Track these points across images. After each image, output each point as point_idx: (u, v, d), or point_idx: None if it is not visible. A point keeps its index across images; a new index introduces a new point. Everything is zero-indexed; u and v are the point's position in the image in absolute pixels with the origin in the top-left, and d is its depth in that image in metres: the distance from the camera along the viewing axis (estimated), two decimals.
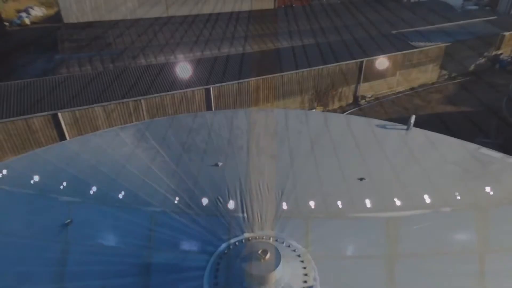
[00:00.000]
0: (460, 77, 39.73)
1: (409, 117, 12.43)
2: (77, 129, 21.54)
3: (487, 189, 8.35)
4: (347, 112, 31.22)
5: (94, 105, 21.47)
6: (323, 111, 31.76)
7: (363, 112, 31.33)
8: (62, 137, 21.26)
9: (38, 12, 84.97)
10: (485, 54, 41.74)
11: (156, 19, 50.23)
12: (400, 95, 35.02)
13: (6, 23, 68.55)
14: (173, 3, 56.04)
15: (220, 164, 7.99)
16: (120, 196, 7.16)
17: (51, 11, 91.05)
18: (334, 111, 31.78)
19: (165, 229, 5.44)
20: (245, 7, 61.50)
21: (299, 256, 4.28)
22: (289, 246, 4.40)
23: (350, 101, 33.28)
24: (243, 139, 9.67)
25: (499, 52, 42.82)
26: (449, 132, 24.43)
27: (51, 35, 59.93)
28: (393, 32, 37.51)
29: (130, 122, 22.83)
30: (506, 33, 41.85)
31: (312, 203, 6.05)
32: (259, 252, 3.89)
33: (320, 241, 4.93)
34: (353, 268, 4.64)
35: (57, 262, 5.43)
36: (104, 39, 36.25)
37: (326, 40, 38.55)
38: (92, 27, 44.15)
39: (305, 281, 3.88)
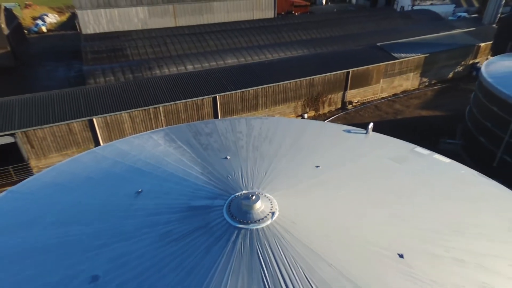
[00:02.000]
0: (439, 84, 43.71)
1: (368, 124, 16.55)
2: (107, 132, 25.75)
3: (403, 171, 12.49)
4: (335, 116, 35.29)
5: (122, 111, 25.67)
6: (314, 115, 35.87)
7: (349, 116, 35.35)
8: (95, 138, 25.47)
9: (52, 19, 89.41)
10: (463, 63, 45.69)
11: (166, 29, 54.47)
12: (383, 100, 39.05)
13: (25, 31, 72.85)
14: (181, 14, 60.23)
15: (228, 157, 12.11)
16: (166, 175, 11.31)
17: (63, 18, 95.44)
18: (324, 115, 35.86)
19: (200, 191, 9.51)
20: (248, 16, 65.74)
21: (269, 199, 8.39)
22: (264, 195, 8.52)
23: (339, 106, 37.32)
24: (243, 140, 13.82)
25: (476, 61, 46.76)
26: (419, 134, 29.22)
27: (68, 43, 64.27)
28: (378, 44, 41.52)
29: (150, 125, 27.06)
30: (482, 44, 45.81)
31: (280, 178, 10.14)
32: (250, 196, 7.98)
33: (280, 195, 8.97)
34: (294, 203, 8.74)
35: (133, 207, 9.57)
36: (121, 51, 40.40)
37: (317, 51, 42.60)
38: (109, 38, 48.41)
39: (271, 209, 7.99)
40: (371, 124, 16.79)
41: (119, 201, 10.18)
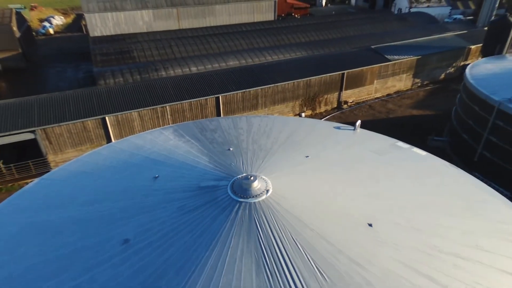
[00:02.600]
0: (431, 85, 45.53)
1: (356, 122, 18.39)
2: (118, 129, 27.66)
3: (382, 161, 14.36)
4: (330, 115, 37.16)
5: (132, 110, 27.58)
6: (311, 114, 37.72)
7: (344, 115, 37.21)
8: (107, 135, 27.38)
9: (58, 21, 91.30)
10: (454, 64, 47.46)
11: (170, 32, 56.35)
12: (377, 100, 40.89)
13: (33, 33, 74.66)
14: (184, 17, 62.13)
15: (231, 148, 13.98)
16: (178, 164, 13.20)
17: (69, 19, 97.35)
18: (321, 114, 37.72)
19: (208, 175, 11.36)
20: (249, 19, 67.64)
21: (264, 180, 10.25)
22: (261, 177, 10.37)
23: (335, 105, 39.17)
24: (243, 135, 15.70)
25: (467, 62, 48.48)
26: (409, 132, 31.16)
27: (76, 45, 66.15)
28: (373, 46, 43.33)
29: (158, 123, 28.96)
30: (473, 46, 47.59)
31: (274, 165, 12.03)
32: (249, 177, 9.86)
33: (273, 177, 10.84)
34: (285, 183, 10.60)
35: (152, 188, 11.45)
36: (129, 53, 42.31)
37: (315, 53, 44.45)
38: (115, 40, 50.31)
39: (266, 187, 9.87)
40: (359, 121, 18.72)
41: (140, 184, 12.11)
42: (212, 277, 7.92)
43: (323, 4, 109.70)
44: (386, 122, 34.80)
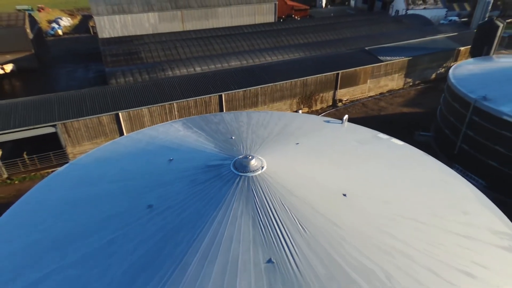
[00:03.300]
0: (422, 84, 47.71)
1: (344, 116, 20.63)
2: (130, 124, 30.01)
3: (363, 149, 16.65)
4: (326, 112, 39.41)
5: (142, 107, 29.93)
6: (308, 111, 39.98)
7: (339, 112, 39.43)
8: (120, 129, 29.73)
9: (66, 22, 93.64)
10: (444, 65, 49.60)
11: (174, 33, 58.65)
12: (370, 99, 43.11)
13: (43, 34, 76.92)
14: (188, 19, 64.48)
15: (233, 137, 16.30)
16: (188, 149, 15.52)
17: (75, 21, 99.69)
18: (317, 111, 39.96)
19: (214, 157, 13.65)
20: (250, 21, 69.93)
21: (260, 159, 12.56)
22: (257, 157, 12.67)
23: (330, 103, 41.41)
24: (243, 127, 18.00)
25: (457, 63, 50.58)
26: (398, 128, 33.45)
27: (84, 46, 68.48)
28: (366, 48, 45.52)
29: (166, 119, 31.27)
30: (462, 48, 49.73)
31: (269, 149, 14.34)
32: (248, 157, 12.17)
33: (268, 157, 13.14)
34: (277, 162, 12.87)
35: (168, 168, 13.77)
36: (137, 54, 44.63)
37: (312, 54, 46.69)
38: (123, 42, 52.65)
39: (261, 164, 12.17)
40: (346, 116, 21.05)
41: (157, 165, 14.45)
42: (218, 230, 10.25)
43: (323, 5, 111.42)
44: (377, 119, 37.02)
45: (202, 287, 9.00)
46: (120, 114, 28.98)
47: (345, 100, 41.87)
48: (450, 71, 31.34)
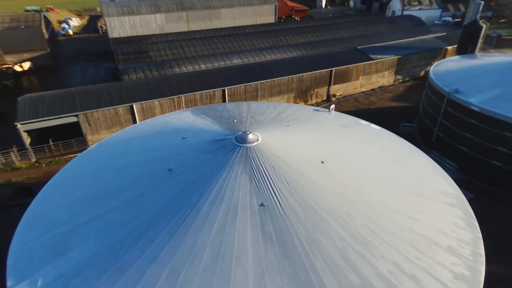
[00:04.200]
0: (411, 81, 50.61)
1: (331, 106, 23.67)
2: (143, 115, 33.18)
3: (344, 130, 19.76)
4: (320, 106, 42.41)
5: (154, 99, 33.10)
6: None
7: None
8: (134, 119, 32.89)
9: (75, 22, 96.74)
10: (432, 63, 52.37)
11: (180, 33, 61.70)
12: (362, 94, 46.09)
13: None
14: (193, 19, 67.52)
15: (235, 120, 19.45)
16: (198, 130, 18.67)
17: (84, 21, 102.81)
18: (312, 105, 42.95)
19: (219, 134, 16.75)
20: (251, 21, 72.87)
21: (256, 135, 15.62)
22: (254, 133, 15.73)
23: (324, 98, 44.42)
24: (244, 113, 21.14)
25: None
26: (386, 119, 36.27)
27: (94, 46, 71.57)
28: (359, 47, 48.49)
29: (175, 110, 34.38)
30: (449, 47, 52.59)
31: (264, 128, 17.47)
32: (246, 132, 15.29)
33: (262, 133, 16.22)
34: (269, 137, 15.99)
35: (182, 143, 16.91)
36: (146, 53, 47.75)
37: (308, 53, 49.70)
38: (133, 41, 55.81)
39: (257, 138, 15.25)
40: (333, 105, 24.18)
41: (173, 141, 17.61)
42: (223, 184, 13.39)
43: (323, 6, 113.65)
44: (367, 112, 40.02)
45: (211, 223, 12.17)
46: (134, 106, 32.15)
47: (339, 95, 44.87)
48: (431, 68, 34.30)
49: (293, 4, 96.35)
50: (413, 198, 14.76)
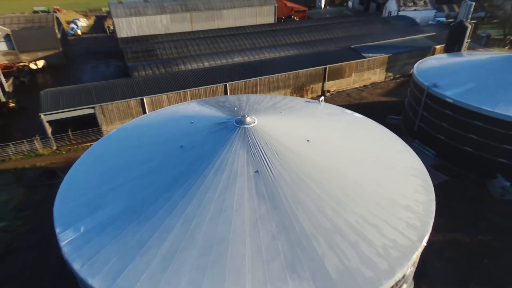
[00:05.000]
0: (402, 78, 53.34)
1: (321, 98, 26.47)
2: (152, 107, 36.08)
3: (329, 117, 22.64)
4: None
5: (162, 93, 36.01)
6: None
7: (326, 100, 45.13)
8: (144, 111, 35.80)
9: (83, 23, 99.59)
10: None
11: (184, 33, 64.54)
12: (354, 90, 48.86)
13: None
14: (196, 20, 70.37)
15: (235, 109, 22.35)
16: (204, 116, 21.58)
17: (91, 21, 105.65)
18: None
19: (222, 118, 19.58)
20: (252, 21, 75.66)
21: (253, 118, 18.46)
22: (251, 116, 18.56)
23: (319, 93, 47.19)
24: (243, 103, 24.02)
25: None
26: (375, 113, 39.09)
27: (102, 45, 74.46)
28: (352, 46, 51.26)
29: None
30: (437, 46, 55.28)
31: (259, 113, 20.34)
32: (244, 116, 18.18)
33: (258, 117, 19.08)
34: (264, 120, 18.83)
35: (191, 126, 19.82)
36: (153, 51, 50.64)
37: (305, 51, 52.47)
38: (140, 41, 58.69)
39: (254, 121, 18.09)
40: (322, 97, 26.99)
41: (183, 125, 20.52)
42: (225, 157, 16.26)
43: (322, 6, 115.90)
44: (358, 106, 42.79)
45: (216, 185, 15.08)
46: (144, 99, 35.06)
47: (333, 91, 47.66)
48: (415, 65, 37.09)
49: (293, 5, 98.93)
50: (382, 170, 17.65)
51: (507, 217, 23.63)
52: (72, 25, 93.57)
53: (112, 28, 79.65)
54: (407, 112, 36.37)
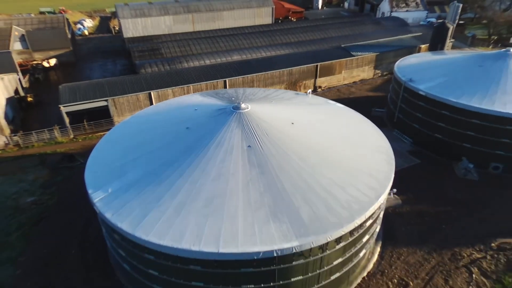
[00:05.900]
0: (389, 75, 56.68)
1: (308, 90, 29.91)
2: (159, 100, 39.50)
3: (314, 106, 26.13)
4: None
5: (167, 88, 39.47)
6: None
7: (318, 95, 48.61)
8: (152, 104, 39.22)
9: (89, 23, 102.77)
10: None
11: (187, 33, 67.88)
12: (344, 86, 52.27)
13: None
14: (198, 21, 73.70)
15: (233, 98, 25.81)
16: (206, 104, 25.07)
17: (96, 22, 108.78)
18: None
19: (222, 105, 22.97)
20: (250, 22, 79.00)
21: (247, 105, 21.85)
22: (246, 104, 21.94)
23: (312, 89, 50.59)
24: (240, 95, 27.49)
25: None
26: (361, 106, 42.87)
27: (109, 45, 77.78)
28: (342, 45, 54.68)
29: None
30: (422, 45, 58.69)
31: (254, 102, 23.77)
32: (240, 102, 21.62)
33: (252, 104, 22.48)
34: (257, 106, 22.27)
35: (194, 112, 23.29)
36: (158, 50, 54.03)
37: (299, 50, 55.85)
38: (145, 40, 62.04)
39: (248, 107, 21.51)
40: (310, 90, 30.44)
41: (188, 112, 24.00)
42: (224, 135, 19.71)
43: (319, 7, 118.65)
44: (347, 100, 46.21)
45: (216, 156, 18.54)
46: (151, 93, 38.52)
47: (324, 87, 51.06)
48: (396, 63, 40.50)
49: (290, 6, 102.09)
50: (355, 148, 21.12)
51: (465, 192, 27.14)
52: (79, 26, 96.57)
53: (117, 28, 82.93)
54: (389, 105, 39.81)
